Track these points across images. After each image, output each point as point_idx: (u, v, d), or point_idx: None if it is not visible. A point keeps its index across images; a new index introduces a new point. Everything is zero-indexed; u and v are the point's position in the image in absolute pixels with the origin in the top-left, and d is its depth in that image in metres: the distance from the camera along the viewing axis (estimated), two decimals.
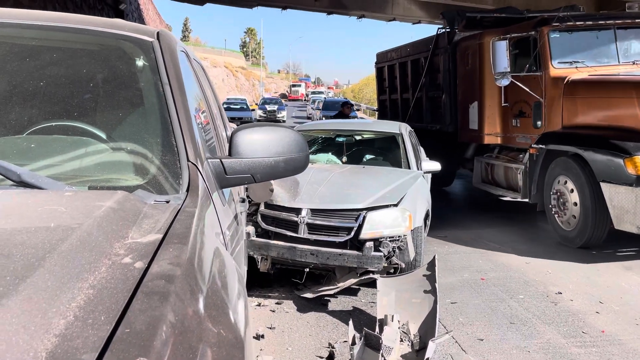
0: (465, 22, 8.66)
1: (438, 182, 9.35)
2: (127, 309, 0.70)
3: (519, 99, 7.29)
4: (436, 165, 5.85)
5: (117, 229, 0.95)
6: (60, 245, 0.80)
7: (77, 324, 0.64)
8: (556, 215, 6.44)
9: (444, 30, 9.35)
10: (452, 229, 7.13)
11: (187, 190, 1.37)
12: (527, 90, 6.74)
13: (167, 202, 1.27)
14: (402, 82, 11.47)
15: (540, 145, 6.66)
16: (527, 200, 7.02)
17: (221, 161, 1.60)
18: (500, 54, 6.60)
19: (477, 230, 7.07)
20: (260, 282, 4.79)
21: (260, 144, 1.63)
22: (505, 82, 6.66)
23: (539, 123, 6.81)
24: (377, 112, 14.97)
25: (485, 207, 8.94)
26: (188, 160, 1.48)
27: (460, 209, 9.23)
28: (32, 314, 0.63)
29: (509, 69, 6.60)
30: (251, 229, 4.59)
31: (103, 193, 1.15)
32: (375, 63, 13.27)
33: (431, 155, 9.36)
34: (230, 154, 1.62)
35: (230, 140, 1.62)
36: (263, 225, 4.63)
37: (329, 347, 3.60)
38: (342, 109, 12.23)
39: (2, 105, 1.55)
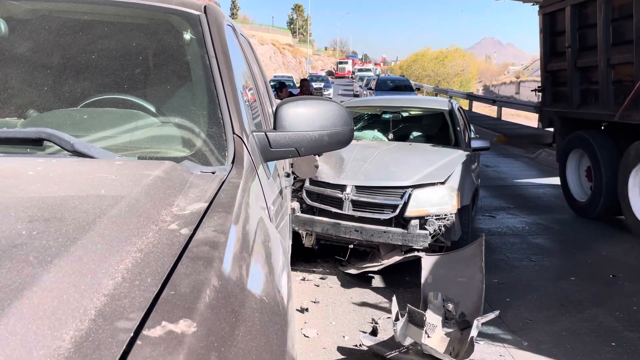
0: None
1: None
2: (172, 272, 0.71)
3: None
4: (485, 144, 5.68)
5: (164, 197, 0.97)
6: (109, 211, 0.82)
7: (125, 284, 0.66)
8: None
9: None
10: (501, 210, 6.95)
11: (233, 162, 1.39)
12: None
13: (213, 173, 1.29)
14: (612, 31, 5.85)
15: None
16: None
17: (266, 134, 1.61)
18: None
19: (528, 212, 6.87)
20: (304, 257, 4.85)
21: (304, 117, 1.63)
22: None
23: None
24: (539, 93, 7.92)
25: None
26: (234, 132, 1.49)
27: None
28: (83, 274, 0.65)
29: None
30: (296, 204, 4.63)
31: (151, 163, 1.18)
32: (541, 7, 7.56)
33: None
34: (275, 128, 1.62)
35: (275, 113, 1.63)
36: (308, 201, 4.66)
37: (372, 323, 3.61)
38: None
39: (57, 78, 1.60)
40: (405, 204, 4.29)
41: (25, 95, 1.59)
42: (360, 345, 3.29)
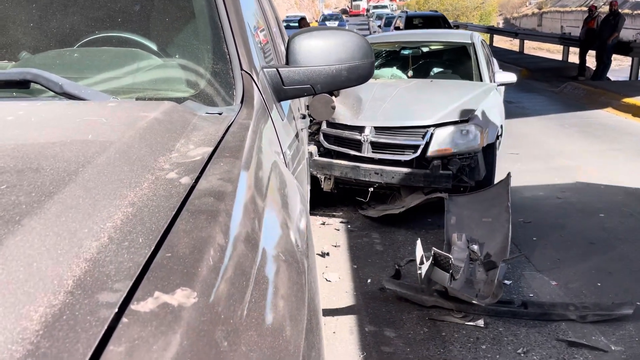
0: None
1: None
2: (169, 230, 0.60)
3: None
4: (511, 77, 5.40)
5: (163, 142, 0.85)
6: (96, 159, 0.71)
7: (112, 247, 0.55)
8: None
9: None
10: (525, 147, 6.73)
11: (242, 102, 1.26)
12: None
13: (220, 114, 1.16)
14: None
15: None
16: None
17: (278, 70, 1.46)
18: None
19: (554, 148, 6.64)
20: (324, 201, 4.77)
21: (320, 50, 1.47)
22: None
23: None
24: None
25: None
26: (242, 69, 1.35)
27: None
28: (60, 235, 0.54)
29: None
30: (314, 148, 4.49)
31: (148, 104, 1.05)
32: None
33: None
34: (287, 63, 1.47)
35: (287, 47, 1.47)
36: (325, 144, 4.52)
37: (394, 266, 3.55)
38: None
39: (50, 17, 1.46)
40: (427, 144, 4.13)
41: (17, 37, 1.46)
42: (383, 288, 3.24)
